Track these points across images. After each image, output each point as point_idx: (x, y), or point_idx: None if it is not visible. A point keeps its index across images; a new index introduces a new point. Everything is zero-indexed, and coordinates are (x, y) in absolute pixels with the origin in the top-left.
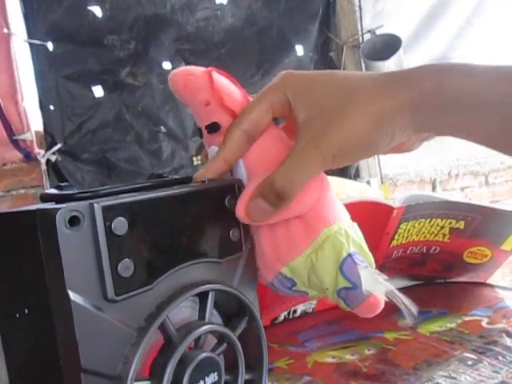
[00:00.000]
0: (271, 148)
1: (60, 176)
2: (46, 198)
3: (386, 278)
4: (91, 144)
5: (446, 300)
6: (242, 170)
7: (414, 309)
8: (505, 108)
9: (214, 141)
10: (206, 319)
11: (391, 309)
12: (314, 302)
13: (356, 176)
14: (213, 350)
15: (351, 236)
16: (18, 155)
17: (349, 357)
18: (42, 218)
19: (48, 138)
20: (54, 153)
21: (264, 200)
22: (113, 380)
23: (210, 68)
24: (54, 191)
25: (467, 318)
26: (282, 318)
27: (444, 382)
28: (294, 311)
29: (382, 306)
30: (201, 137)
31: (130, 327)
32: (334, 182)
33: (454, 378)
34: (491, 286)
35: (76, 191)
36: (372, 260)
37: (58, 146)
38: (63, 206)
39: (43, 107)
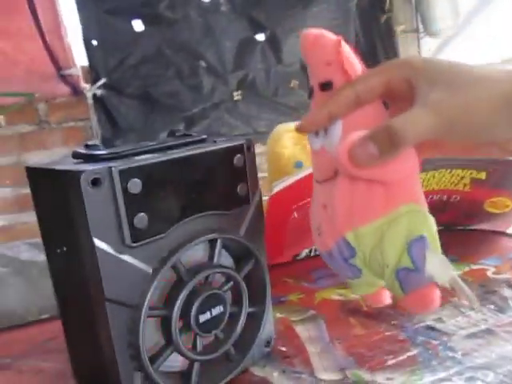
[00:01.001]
0: (373, 121)
1: (105, 110)
2: (76, 155)
3: (452, 267)
4: (134, 79)
5: (461, 247)
6: (337, 131)
7: (474, 298)
8: None
9: (324, 99)
10: (214, 262)
11: None
12: None
13: None
14: (220, 287)
15: (429, 221)
16: (66, 90)
17: (354, 296)
18: (70, 179)
19: (93, 73)
20: (99, 87)
21: (374, 144)
22: (131, 308)
23: (339, 37)
24: (83, 151)
25: (475, 267)
26: (303, 254)
27: (433, 324)
28: (316, 249)
29: (436, 304)
30: (309, 97)
31: (145, 268)
32: None
33: (443, 321)
34: (509, 235)
35: (100, 152)
36: (439, 249)
37: (103, 80)
38: (88, 168)
39: (86, 43)
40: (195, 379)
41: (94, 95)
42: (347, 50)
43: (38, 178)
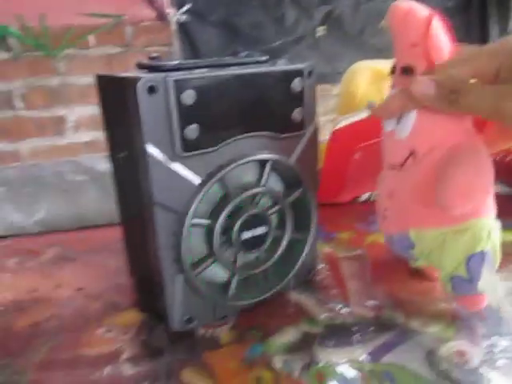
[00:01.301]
0: (450, 116)
1: (188, 37)
2: (140, 66)
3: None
4: (218, 6)
5: None
6: (410, 122)
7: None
8: None
9: (404, 83)
10: (262, 183)
11: None
12: None
13: None
14: (266, 210)
15: (492, 237)
16: (151, 13)
17: None
18: (129, 85)
19: None
20: (183, 13)
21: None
22: (177, 214)
23: (432, 13)
24: (146, 62)
25: None
26: (364, 197)
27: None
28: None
29: (483, 307)
30: (392, 73)
31: (194, 179)
32: None
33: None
34: None
35: (161, 63)
36: (498, 262)
37: (187, 6)
38: (144, 76)
39: None
40: (233, 291)
41: (178, 21)
42: (437, 31)
43: (105, 85)
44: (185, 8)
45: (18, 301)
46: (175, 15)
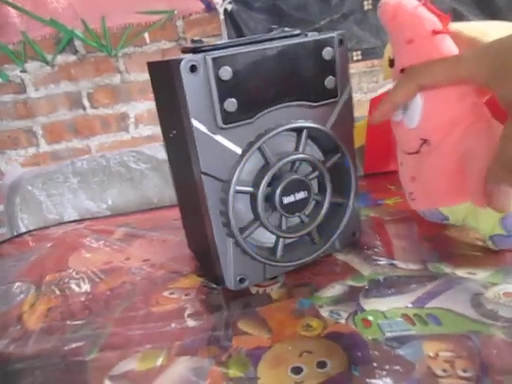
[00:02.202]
0: (456, 103)
1: (235, 25)
2: (184, 50)
3: None
4: None
5: None
6: (417, 109)
7: None
8: None
9: (393, 78)
10: (300, 150)
11: None
12: None
13: None
14: (306, 176)
15: None
16: (200, 6)
17: None
18: (174, 67)
19: None
20: (230, 2)
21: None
22: (223, 182)
23: (422, 1)
24: (189, 45)
25: None
26: None
27: None
28: None
29: None
30: (391, 66)
31: (235, 148)
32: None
33: None
34: None
35: (201, 45)
36: None
37: None
38: (187, 57)
39: None
40: (280, 253)
41: (225, 10)
42: (427, 26)
43: (154, 70)
44: None
45: (96, 271)
46: (222, 5)
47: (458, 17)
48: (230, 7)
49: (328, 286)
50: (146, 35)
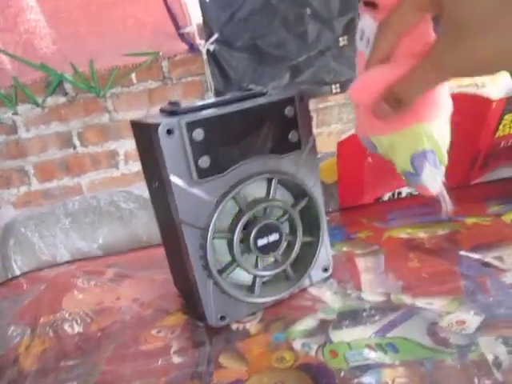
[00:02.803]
0: (418, 38)
1: (218, 64)
2: (162, 110)
3: (443, 178)
4: (243, 32)
5: None
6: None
7: (450, 208)
8: None
9: (368, 13)
10: (270, 197)
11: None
12: None
13: None
14: (278, 219)
15: (434, 137)
16: (184, 47)
17: (421, 234)
18: (153, 129)
19: (206, 30)
20: (212, 43)
21: (387, 105)
22: (201, 229)
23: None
24: (166, 107)
25: None
26: (386, 197)
27: (491, 261)
28: (399, 193)
29: (430, 194)
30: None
31: (210, 199)
32: None
33: (503, 260)
34: None
35: (176, 108)
36: (445, 161)
37: (215, 36)
38: (164, 121)
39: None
40: (257, 291)
41: (208, 51)
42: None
43: (137, 129)
44: (213, 38)
45: (88, 312)
46: (205, 46)
47: None
48: (212, 47)
49: (301, 319)
50: (133, 76)
